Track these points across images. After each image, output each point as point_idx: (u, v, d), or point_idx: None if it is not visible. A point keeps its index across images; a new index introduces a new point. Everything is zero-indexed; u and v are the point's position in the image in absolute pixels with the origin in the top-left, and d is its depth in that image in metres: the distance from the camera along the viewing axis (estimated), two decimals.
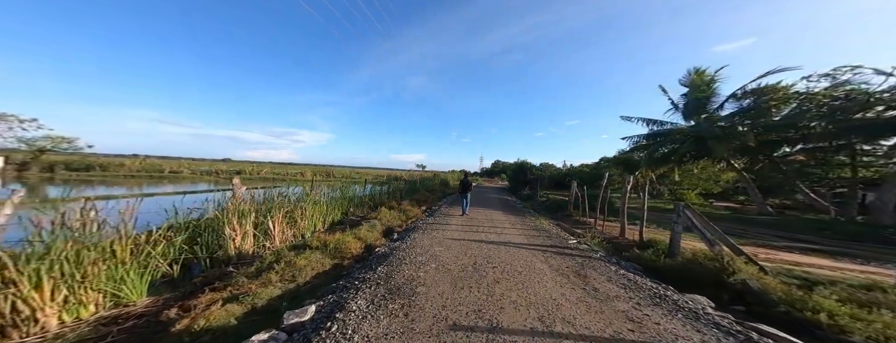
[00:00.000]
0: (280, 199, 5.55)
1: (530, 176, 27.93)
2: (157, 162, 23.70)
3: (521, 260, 4.58)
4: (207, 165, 28.61)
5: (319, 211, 6.51)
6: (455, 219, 8.54)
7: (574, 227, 8.37)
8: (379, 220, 7.30)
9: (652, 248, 5.28)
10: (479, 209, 11.19)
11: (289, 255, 3.69)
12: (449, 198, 16.44)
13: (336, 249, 4.38)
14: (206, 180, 19.53)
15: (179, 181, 18.57)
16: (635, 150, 23.33)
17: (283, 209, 5.03)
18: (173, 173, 21.82)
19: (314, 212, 6.11)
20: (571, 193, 11.48)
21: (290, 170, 32.79)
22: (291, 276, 3.22)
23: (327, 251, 4.25)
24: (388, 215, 8.04)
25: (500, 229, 7.26)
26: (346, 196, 8.62)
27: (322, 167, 45.88)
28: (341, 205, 8.23)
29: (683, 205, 4.71)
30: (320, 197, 7.35)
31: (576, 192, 11.39)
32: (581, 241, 6.20)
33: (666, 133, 18.05)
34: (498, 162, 76.96)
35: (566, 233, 7.42)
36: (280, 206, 5.02)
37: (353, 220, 7.51)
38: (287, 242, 4.85)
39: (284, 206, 5.27)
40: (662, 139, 17.43)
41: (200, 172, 23.21)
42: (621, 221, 6.70)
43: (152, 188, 15.80)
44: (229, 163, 35.00)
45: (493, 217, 9.42)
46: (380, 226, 6.82)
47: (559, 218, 10.58)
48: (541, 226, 8.10)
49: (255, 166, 28.84)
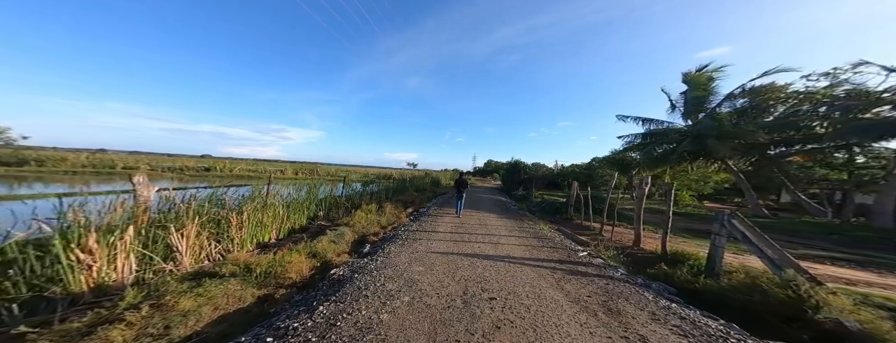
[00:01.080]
0: (213, 203, 4.21)
1: (524, 176, 27.17)
2: (108, 157, 21.26)
3: (527, 285, 3.48)
4: (171, 161, 26.13)
5: (273, 216, 5.20)
6: (444, 224, 7.38)
7: (578, 234, 7.39)
8: (351, 228, 6.05)
9: (682, 263, 4.31)
10: (471, 212, 10.09)
11: (176, 288, 2.41)
12: (440, 198, 15.27)
13: (269, 274, 3.13)
14: (167, 177, 17.55)
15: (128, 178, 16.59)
16: (629, 150, 22.96)
17: (203, 217, 3.72)
18: (128, 169, 19.56)
19: (262, 219, 4.80)
20: (572, 195, 10.54)
21: (269, 167, 30.67)
22: (162, 328, 1.97)
23: (253, 278, 2.99)
24: (364, 220, 6.79)
25: (495, 237, 6.16)
26: (314, 198, 7.29)
27: (307, 164, 43.69)
28: (307, 208, 6.91)
29: (729, 214, 3.74)
30: (279, 199, 6.03)
31: (576, 193, 10.46)
32: (592, 252, 5.18)
33: (663, 132, 17.60)
34: (491, 161, 76.50)
35: (571, 241, 6.42)
36: (199, 213, 3.70)
37: (319, 227, 6.23)
38: (210, 262, 3.55)
39: (211, 213, 3.95)
40: (660, 138, 16.96)
41: (162, 169, 21.02)
42: (636, 229, 5.72)
43: (56, 188, 13.61)
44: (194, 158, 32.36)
45: (487, 221, 8.33)
46: (350, 235, 5.58)
47: (559, 222, 9.62)
48: (542, 232, 7.07)
49: (227, 163, 26.66)
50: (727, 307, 3.15)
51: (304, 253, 3.98)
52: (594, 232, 7.80)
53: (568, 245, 5.86)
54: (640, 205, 5.61)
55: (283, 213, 5.50)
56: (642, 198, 5.57)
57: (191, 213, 3.48)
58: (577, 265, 4.42)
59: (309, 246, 4.31)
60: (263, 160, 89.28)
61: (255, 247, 4.61)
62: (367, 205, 8.06)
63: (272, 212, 5.16)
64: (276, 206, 5.42)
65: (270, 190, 5.82)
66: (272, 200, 5.46)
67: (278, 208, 5.43)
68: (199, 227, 3.52)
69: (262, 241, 4.83)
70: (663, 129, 17.62)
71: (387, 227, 7.05)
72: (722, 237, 3.72)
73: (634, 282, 3.78)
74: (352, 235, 5.60)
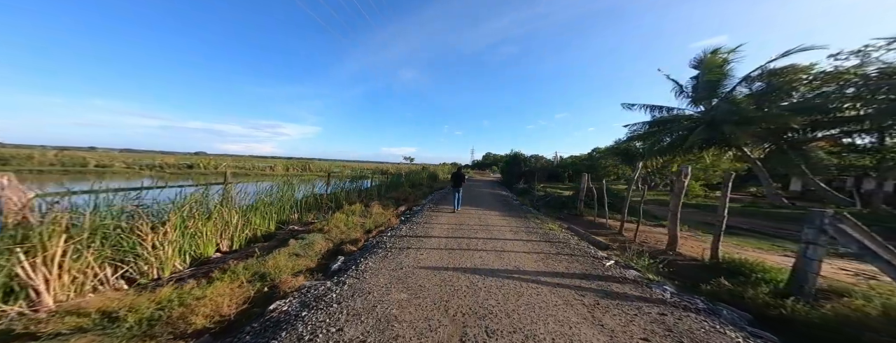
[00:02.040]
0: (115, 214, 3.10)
1: (524, 168, 26.15)
2: (79, 154, 19.93)
3: (550, 318, 2.46)
4: (151, 159, 24.75)
5: (221, 224, 4.12)
6: (440, 226, 6.35)
7: (593, 233, 6.39)
8: (325, 234, 5.00)
9: (744, 276, 3.32)
10: (471, 209, 9.06)
11: None
12: (437, 194, 14.24)
13: (157, 321, 2.06)
14: (144, 175, 16.34)
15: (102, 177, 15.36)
16: (634, 139, 21.88)
17: (94, 231, 2.62)
18: (101, 168, 18.23)
19: (200, 228, 3.71)
20: (582, 188, 9.50)
21: (257, 163, 29.35)
22: None
23: (127, 330, 1.93)
24: (343, 224, 5.73)
25: (499, 242, 5.14)
26: (287, 197, 6.19)
27: (299, 160, 42.37)
28: (278, 210, 5.84)
29: (833, 214, 2.70)
30: (238, 200, 4.94)
31: (586, 186, 9.44)
32: (620, 260, 4.18)
33: (673, 119, 16.55)
34: (489, 154, 75.63)
35: (589, 244, 5.42)
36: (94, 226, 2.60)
37: (289, 234, 5.17)
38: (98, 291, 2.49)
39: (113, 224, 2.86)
40: (670, 126, 15.91)
41: (140, 167, 19.71)
42: (671, 229, 4.69)
43: None
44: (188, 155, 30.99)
45: (488, 220, 7.31)
46: (322, 244, 4.53)
47: (567, 219, 8.62)
48: (552, 234, 6.06)
49: (211, 159, 25.31)
50: None
51: (244, 275, 2.92)
52: (612, 231, 6.80)
53: (587, 250, 4.85)
54: (679, 201, 4.56)
55: (238, 220, 4.41)
56: (681, 192, 4.52)
57: (56, 229, 2.38)
58: (608, 281, 3.41)
59: (257, 263, 3.26)
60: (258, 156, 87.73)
61: (190, 264, 3.55)
62: (349, 205, 6.97)
63: (219, 218, 4.07)
64: (227, 210, 4.32)
65: (232, 190, 4.72)
66: (225, 204, 4.38)
67: (230, 213, 4.34)
68: (83, 246, 2.44)
69: (202, 256, 3.76)
70: (673, 117, 16.56)
71: (372, 230, 6.00)
72: (818, 247, 2.70)
73: (694, 306, 2.77)
74: (324, 244, 4.55)
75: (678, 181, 4.48)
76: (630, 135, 20.01)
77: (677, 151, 14.85)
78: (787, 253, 5.21)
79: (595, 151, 37.76)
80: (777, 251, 5.43)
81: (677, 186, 4.47)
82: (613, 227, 7.13)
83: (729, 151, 15.13)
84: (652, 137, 17.21)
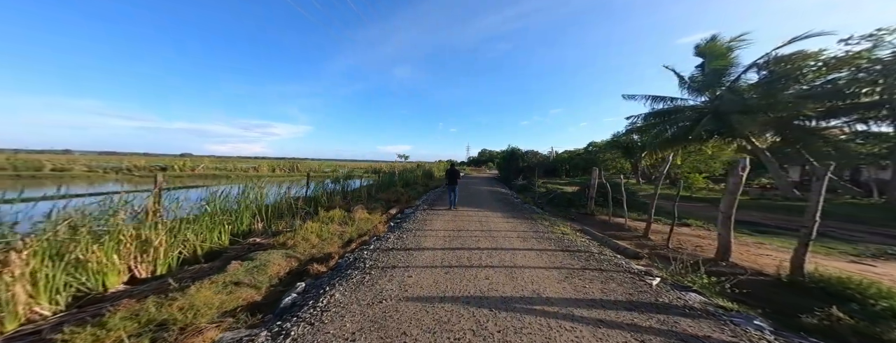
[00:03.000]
0: None
1: (522, 164, 25.33)
2: (33, 157, 18.08)
3: None
4: (117, 161, 22.86)
5: (143, 240, 3.00)
6: (434, 234, 5.33)
7: (612, 235, 5.48)
8: (289, 249, 3.93)
9: (854, 301, 2.41)
10: (469, 210, 8.07)
11: None
12: (432, 193, 13.21)
13: None
14: (109, 179, 14.77)
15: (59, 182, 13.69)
16: (634, 132, 21.21)
17: None
18: (58, 171, 16.47)
19: (86, 253, 2.59)
20: (592, 184, 8.60)
21: (240, 164, 27.69)
22: None
23: None
24: (316, 234, 4.65)
25: (508, 254, 4.16)
26: (247, 203, 5.05)
27: (289, 160, 40.60)
28: (237, 219, 4.72)
29: None
30: (174, 209, 3.82)
31: (596, 182, 8.54)
32: (664, 274, 3.25)
33: (676, 110, 15.90)
34: (484, 151, 75.05)
35: (614, 251, 4.49)
36: None
37: (244, 249, 4.08)
38: None
39: None
40: (675, 117, 15.26)
41: (104, 170, 17.95)
42: (723, 236, 3.73)
43: None
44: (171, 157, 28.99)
45: (490, 223, 6.32)
46: (281, 263, 3.46)
47: (578, 219, 7.72)
48: (568, 239, 5.11)
49: (187, 161, 23.59)
50: None
51: (125, 329, 1.85)
52: (634, 233, 5.89)
53: (618, 262, 3.91)
54: (733, 200, 3.57)
55: (163, 237, 3.29)
56: (737, 190, 3.53)
57: None
58: (669, 313, 2.45)
59: (161, 306, 2.18)
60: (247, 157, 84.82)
61: (70, 305, 2.44)
62: (326, 212, 5.86)
63: (127, 237, 2.95)
64: (146, 225, 3.20)
65: (162, 196, 3.59)
66: (148, 215, 3.25)
67: (151, 229, 3.22)
68: None
69: (94, 291, 2.64)
70: (676, 108, 15.91)
71: (354, 241, 4.94)
72: None
73: None
74: (283, 265, 3.48)
75: (734, 176, 3.53)
76: (630, 127, 19.33)
77: (682, 143, 14.19)
78: (853, 258, 4.40)
79: (591, 145, 37.29)
80: (834, 255, 4.61)
81: (732, 182, 3.52)
82: (633, 228, 6.23)
83: (734, 142, 14.53)
84: (654, 129, 16.55)
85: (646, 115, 17.18)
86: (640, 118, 17.57)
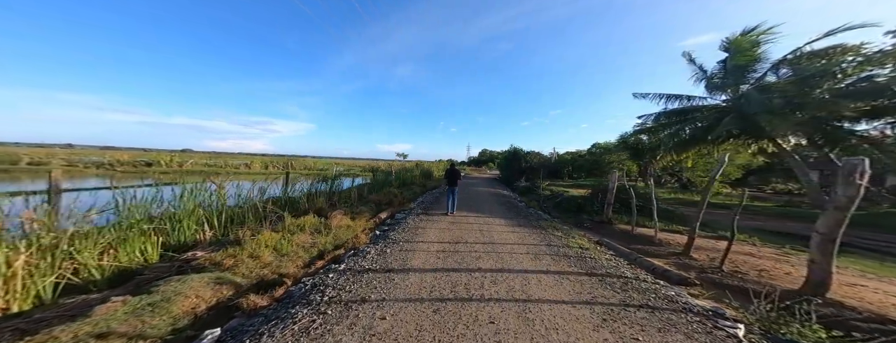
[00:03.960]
0: None
1: (524, 165, 24.32)
2: (9, 150, 17.18)
3: None
4: (98, 155, 21.95)
5: None
6: (424, 247, 4.37)
7: (641, 251, 4.50)
8: (227, 269, 2.96)
9: None
10: (469, 216, 7.12)
11: None
12: (429, 194, 12.25)
13: None
14: (89, 174, 13.87)
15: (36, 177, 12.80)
16: (640, 133, 20.18)
17: None
18: (35, 165, 15.56)
19: None
20: (610, 188, 7.60)
21: (231, 160, 26.70)
22: None
23: None
24: (270, 248, 3.68)
25: (518, 279, 3.19)
26: (192, 207, 4.08)
27: (282, 157, 39.68)
28: (180, 226, 3.76)
29: None
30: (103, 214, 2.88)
31: (615, 186, 7.54)
32: (751, 321, 2.28)
33: (694, 109, 14.90)
34: (485, 151, 74.22)
35: (650, 273, 3.52)
36: None
37: (177, 266, 3.11)
38: None
39: None
40: (692, 116, 14.26)
41: (84, 164, 17.04)
42: (821, 263, 2.66)
43: None
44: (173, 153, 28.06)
45: (493, 233, 5.35)
46: (202, 293, 2.50)
47: (593, 228, 6.75)
48: (589, 256, 4.14)
49: (174, 156, 22.64)
50: None
51: None
52: (667, 248, 4.90)
53: (666, 293, 2.93)
54: (841, 220, 2.46)
55: (21, 258, 2.32)
56: (851, 204, 2.42)
57: None
58: None
59: None
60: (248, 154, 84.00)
61: None
62: (295, 219, 4.88)
63: None
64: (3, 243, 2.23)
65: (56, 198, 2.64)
66: None
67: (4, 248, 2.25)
68: None
69: None
70: (693, 107, 14.93)
71: (325, 255, 3.98)
72: None
73: None
74: (207, 295, 2.52)
75: (846, 185, 2.44)
76: (638, 128, 18.31)
77: (701, 144, 13.18)
78: None
79: (595, 147, 36.17)
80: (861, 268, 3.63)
81: (844, 195, 2.43)
82: (666, 241, 5.22)
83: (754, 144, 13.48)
84: (668, 129, 15.56)
85: (658, 114, 16.17)
86: (651, 118, 16.58)
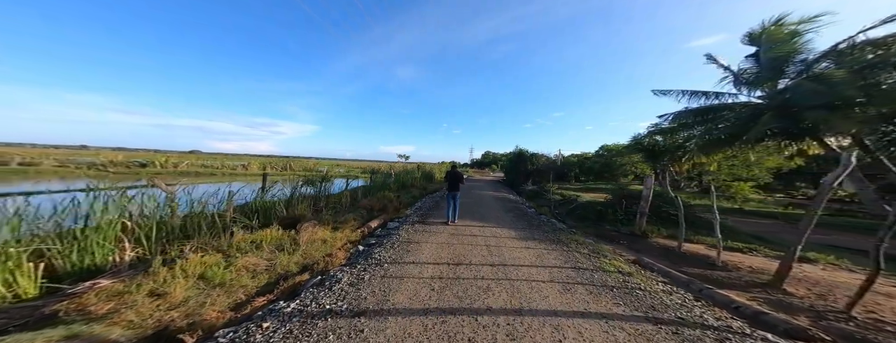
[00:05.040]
0: None
1: (530, 167, 23.13)
2: (3, 150, 16.83)
3: None
4: (92, 156, 21.52)
5: None
6: (416, 269, 3.32)
7: (700, 276, 3.35)
8: (100, 318, 1.93)
9: None
10: (473, 225, 6.04)
11: None
12: (428, 199, 11.21)
13: None
14: (79, 175, 13.27)
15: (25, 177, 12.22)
16: (656, 134, 18.85)
17: None
18: (25, 166, 15.04)
19: None
20: (645, 195, 6.41)
21: (228, 161, 26.09)
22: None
23: None
24: (194, 278, 2.66)
25: (545, 331, 2.10)
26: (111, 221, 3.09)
27: (281, 158, 39.18)
28: (87, 243, 2.78)
29: None
30: None
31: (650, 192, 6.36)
32: None
33: (725, 107, 13.62)
34: (488, 153, 73.26)
35: (736, 315, 2.39)
36: None
37: (36, 313, 2.10)
38: None
39: None
40: (721, 115, 12.98)
41: (75, 165, 16.50)
42: None
43: None
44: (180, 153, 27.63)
45: (503, 249, 4.25)
46: None
47: (622, 240, 5.59)
48: (634, 283, 3.03)
49: (170, 156, 22.07)
50: None
51: None
52: (740, 274, 3.73)
53: None
54: None
55: None
56: None
57: None
58: None
59: None
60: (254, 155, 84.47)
61: None
62: (249, 232, 3.86)
63: None
64: None
65: None
66: None
67: None
68: None
69: None
70: (723, 104, 13.65)
71: (280, 283, 2.95)
72: None
73: None
74: None
75: None
76: (653, 128, 17.00)
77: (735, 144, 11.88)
78: None
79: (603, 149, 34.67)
80: None
81: None
82: (735, 265, 4.02)
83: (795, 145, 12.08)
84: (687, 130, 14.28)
85: (680, 113, 14.91)
86: (669, 118, 15.30)
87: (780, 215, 9.83)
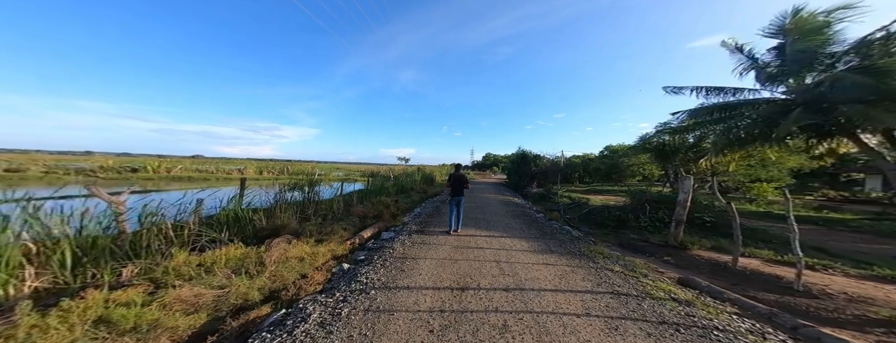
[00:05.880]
0: None
1: (534, 169, 22.27)
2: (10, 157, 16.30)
3: None
4: (83, 161, 20.94)
5: None
6: (411, 295, 2.53)
7: (784, 306, 2.55)
8: None
9: None
10: (477, 233, 5.24)
11: None
12: (429, 204, 10.43)
13: None
14: (68, 181, 12.66)
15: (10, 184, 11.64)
16: (664, 133, 17.99)
17: None
18: (10, 172, 14.44)
19: None
20: (683, 200, 5.54)
21: (225, 165, 25.44)
22: None
23: None
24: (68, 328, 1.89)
25: None
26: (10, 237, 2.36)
27: (278, 162, 38.57)
28: None
29: None
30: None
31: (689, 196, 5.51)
32: None
33: (744, 104, 12.79)
34: (489, 155, 72.60)
35: None
36: None
37: None
38: None
39: None
40: (741, 111, 12.15)
41: (64, 171, 15.93)
42: None
43: None
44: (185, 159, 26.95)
45: (516, 266, 3.44)
46: None
47: (657, 252, 4.77)
48: (705, 321, 2.22)
49: (161, 161, 21.45)
50: None
51: None
52: (828, 300, 2.90)
53: None
54: None
55: None
56: None
57: None
58: None
59: None
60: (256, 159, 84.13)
61: None
62: (198, 254, 3.10)
63: None
64: None
65: None
66: None
67: None
68: None
69: None
70: (743, 101, 12.82)
71: (227, 321, 2.19)
72: None
73: None
74: None
75: None
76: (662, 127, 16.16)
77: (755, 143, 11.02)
78: None
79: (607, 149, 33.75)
80: None
81: None
82: (822, 289, 3.19)
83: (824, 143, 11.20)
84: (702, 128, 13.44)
85: (695, 110, 14.08)
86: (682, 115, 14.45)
87: (822, 221, 8.90)
